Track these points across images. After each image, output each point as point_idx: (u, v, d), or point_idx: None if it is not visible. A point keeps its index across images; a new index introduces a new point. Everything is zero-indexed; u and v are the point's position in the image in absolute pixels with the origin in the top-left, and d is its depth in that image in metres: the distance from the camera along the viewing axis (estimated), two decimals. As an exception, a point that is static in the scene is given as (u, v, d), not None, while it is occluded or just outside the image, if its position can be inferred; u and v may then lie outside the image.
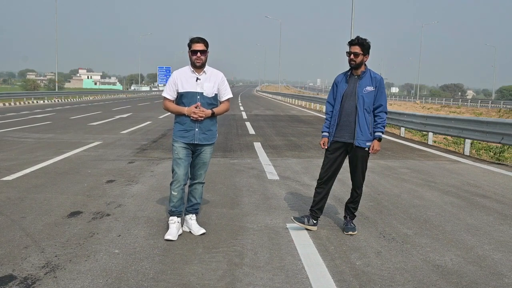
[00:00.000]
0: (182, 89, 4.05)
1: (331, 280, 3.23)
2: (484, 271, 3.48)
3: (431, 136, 12.52)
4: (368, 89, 4.14)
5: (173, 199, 4.10)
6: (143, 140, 11.54)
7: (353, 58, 4.12)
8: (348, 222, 4.35)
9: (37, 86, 68.08)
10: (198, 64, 4.01)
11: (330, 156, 4.29)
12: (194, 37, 4.03)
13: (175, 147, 4.12)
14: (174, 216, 4.10)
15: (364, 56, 4.13)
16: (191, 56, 4.01)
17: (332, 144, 4.28)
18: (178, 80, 4.07)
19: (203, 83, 4.05)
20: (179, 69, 4.20)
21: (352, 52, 4.12)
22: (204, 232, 4.15)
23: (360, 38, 4.14)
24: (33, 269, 3.30)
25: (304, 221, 4.30)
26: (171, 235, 3.99)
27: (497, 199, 5.89)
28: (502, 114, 35.45)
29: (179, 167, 4.07)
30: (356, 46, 4.11)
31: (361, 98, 4.13)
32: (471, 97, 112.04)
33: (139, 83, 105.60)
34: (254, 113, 24.75)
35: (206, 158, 4.19)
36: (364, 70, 4.20)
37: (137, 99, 47.63)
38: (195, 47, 3.98)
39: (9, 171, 6.89)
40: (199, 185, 4.26)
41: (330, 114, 4.34)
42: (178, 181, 4.07)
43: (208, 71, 4.11)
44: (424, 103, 59.61)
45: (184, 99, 4.04)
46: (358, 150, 4.20)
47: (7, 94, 33.29)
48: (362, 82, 4.16)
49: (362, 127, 4.13)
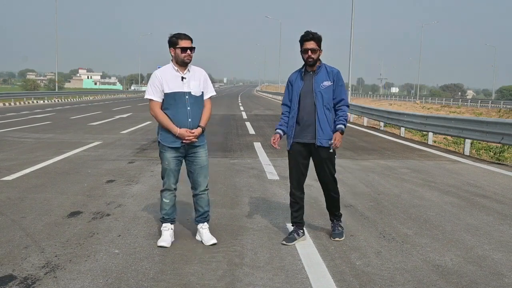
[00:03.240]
0: (168, 90, 3.78)
1: (331, 280, 3.23)
2: (484, 271, 3.48)
3: (431, 136, 12.52)
4: (325, 84, 3.92)
5: (165, 206, 3.93)
6: (143, 140, 11.54)
7: (310, 54, 3.88)
8: (335, 226, 4.15)
9: (37, 86, 68.02)
10: (188, 61, 3.80)
11: (293, 160, 4.06)
12: (180, 33, 3.81)
13: (164, 157, 3.90)
14: (167, 223, 3.94)
15: (319, 50, 3.92)
16: (180, 53, 3.77)
17: (293, 146, 4.03)
18: (162, 79, 3.80)
19: (189, 81, 3.83)
20: (159, 68, 3.92)
21: (309, 48, 3.87)
22: (215, 242, 3.89)
23: (313, 32, 3.91)
24: (33, 269, 3.30)
25: (295, 238, 4.01)
26: (165, 242, 3.84)
27: (497, 199, 5.89)
28: (502, 114, 35.46)
29: (169, 177, 3.91)
30: (311, 41, 3.88)
31: (319, 94, 3.90)
32: (471, 97, 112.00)
33: (139, 83, 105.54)
34: (254, 113, 24.75)
35: (203, 161, 3.96)
36: (320, 65, 3.98)
37: (137, 99, 47.61)
38: (184, 44, 3.77)
39: (9, 171, 6.89)
40: (203, 193, 4.01)
41: (286, 114, 4.10)
42: (170, 190, 3.93)
43: (192, 69, 3.90)
44: (424, 103, 59.61)
45: (171, 100, 3.78)
46: (321, 151, 3.94)
47: (7, 94, 33.33)
48: (318, 77, 3.94)
49: (323, 126, 3.90)
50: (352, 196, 5.85)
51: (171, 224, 3.98)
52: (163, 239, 3.87)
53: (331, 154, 3.97)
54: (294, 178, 4.09)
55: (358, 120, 20.07)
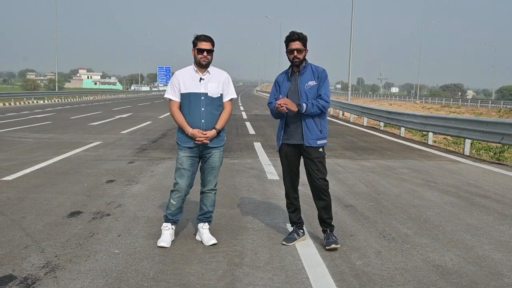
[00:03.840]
0: (184, 90, 3.83)
1: (331, 280, 3.23)
2: (484, 271, 3.48)
3: (431, 136, 12.52)
4: (310, 84, 3.87)
5: (171, 207, 3.90)
6: (143, 140, 11.54)
7: (296, 55, 3.84)
8: (329, 236, 3.92)
9: (37, 86, 68.03)
10: (204, 63, 3.81)
11: (284, 160, 4.04)
12: (201, 34, 3.83)
13: (179, 156, 3.90)
14: (169, 223, 3.92)
15: (305, 50, 3.88)
16: (197, 54, 3.80)
17: (283, 147, 4.01)
18: (180, 79, 3.86)
19: (207, 83, 3.84)
20: (182, 68, 3.98)
21: (294, 49, 3.83)
22: (215, 242, 3.89)
23: (298, 32, 3.86)
24: (33, 269, 3.30)
25: (295, 238, 4.00)
26: (165, 242, 3.81)
27: (497, 199, 5.89)
28: (502, 114, 35.46)
29: (182, 177, 3.87)
30: (297, 41, 3.84)
31: (303, 94, 3.85)
32: (471, 97, 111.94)
33: (139, 83, 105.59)
34: (254, 113, 24.74)
35: (215, 162, 3.95)
36: (305, 65, 3.94)
37: (137, 99, 47.62)
38: (202, 45, 3.78)
39: (9, 171, 6.89)
40: (210, 192, 4.02)
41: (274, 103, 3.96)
42: (179, 191, 3.87)
43: (212, 71, 3.91)
44: (424, 103, 59.59)
45: (187, 100, 3.83)
46: (310, 151, 3.90)
47: (7, 94, 33.32)
48: (304, 77, 3.90)
49: (309, 126, 3.86)
50: (352, 196, 5.85)
51: (173, 225, 3.96)
52: (163, 239, 3.86)
53: (321, 153, 3.94)
54: (287, 179, 4.09)
55: (358, 120, 20.06)
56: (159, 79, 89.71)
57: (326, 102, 3.84)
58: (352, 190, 6.17)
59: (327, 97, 3.86)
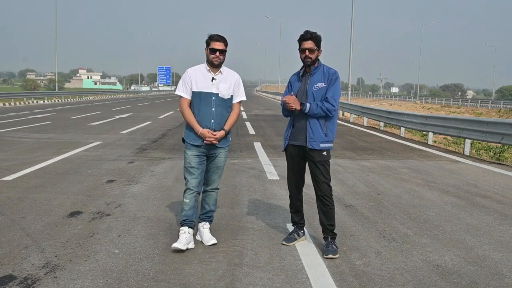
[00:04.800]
0: (196, 88, 3.82)
1: (331, 280, 3.23)
2: (484, 271, 3.48)
3: (431, 136, 12.52)
4: (319, 86, 3.79)
5: (185, 207, 3.86)
6: (143, 140, 11.54)
7: (308, 54, 3.77)
8: (329, 243, 3.79)
9: (37, 86, 68.03)
10: (216, 63, 3.80)
11: (289, 160, 4.03)
12: (214, 34, 3.81)
13: (187, 155, 3.89)
14: (185, 226, 3.82)
15: (318, 50, 3.81)
16: (209, 54, 3.79)
17: (288, 147, 3.98)
18: (193, 78, 3.84)
19: (219, 83, 3.83)
20: (194, 66, 3.94)
21: (306, 48, 3.76)
22: (215, 242, 3.88)
23: (312, 32, 3.79)
24: (33, 269, 3.30)
25: (295, 238, 4.00)
26: (180, 244, 3.70)
27: (497, 199, 5.89)
28: (502, 114, 35.45)
29: (191, 175, 3.86)
30: (309, 41, 3.77)
31: (310, 95, 3.79)
32: (471, 97, 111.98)
33: (139, 83, 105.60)
34: (254, 113, 24.74)
35: (221, 162, 3.99)
36: (317, 66, 3.86)
37: (137, 99, 47.63)
38: (215, 45, 3.77)
39: (9, 171, 6.89)
40: (213, 191, 4.04)
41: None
42: (191, 188, 3.85)
43: (224, 71, 3.90)
44: (424, 103, 59.59)
45: (197, 99, 3.82)
46: (313, 153, 3.83)
47: (7, 94, 33.31)
48: (314, 78, 3.83)
49: (313, 127, 3.79)
50: (352, 196, 5.85)
51: (189, 228, 3.83)
52: (178, 241, 3.74)
53: (324, 157, 3.86)
54: (291, 180, 4.08)
55: (358, 120, 20.07)
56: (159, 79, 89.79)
57: (331, 106, 3.74)
58: (352, 190, 6.17)
59: (333, 100, 3.75)
